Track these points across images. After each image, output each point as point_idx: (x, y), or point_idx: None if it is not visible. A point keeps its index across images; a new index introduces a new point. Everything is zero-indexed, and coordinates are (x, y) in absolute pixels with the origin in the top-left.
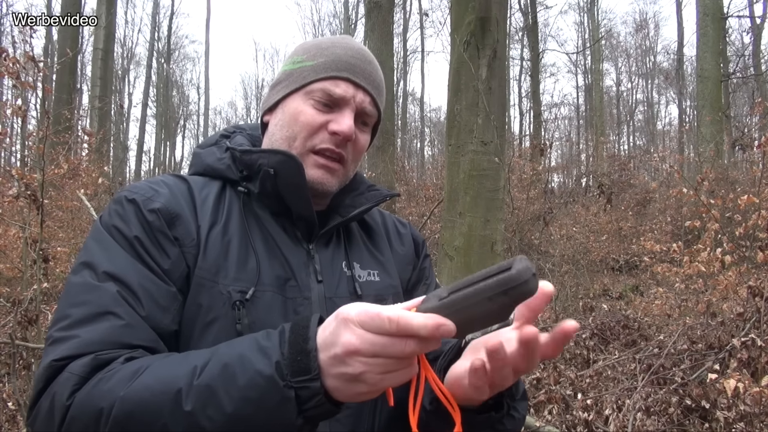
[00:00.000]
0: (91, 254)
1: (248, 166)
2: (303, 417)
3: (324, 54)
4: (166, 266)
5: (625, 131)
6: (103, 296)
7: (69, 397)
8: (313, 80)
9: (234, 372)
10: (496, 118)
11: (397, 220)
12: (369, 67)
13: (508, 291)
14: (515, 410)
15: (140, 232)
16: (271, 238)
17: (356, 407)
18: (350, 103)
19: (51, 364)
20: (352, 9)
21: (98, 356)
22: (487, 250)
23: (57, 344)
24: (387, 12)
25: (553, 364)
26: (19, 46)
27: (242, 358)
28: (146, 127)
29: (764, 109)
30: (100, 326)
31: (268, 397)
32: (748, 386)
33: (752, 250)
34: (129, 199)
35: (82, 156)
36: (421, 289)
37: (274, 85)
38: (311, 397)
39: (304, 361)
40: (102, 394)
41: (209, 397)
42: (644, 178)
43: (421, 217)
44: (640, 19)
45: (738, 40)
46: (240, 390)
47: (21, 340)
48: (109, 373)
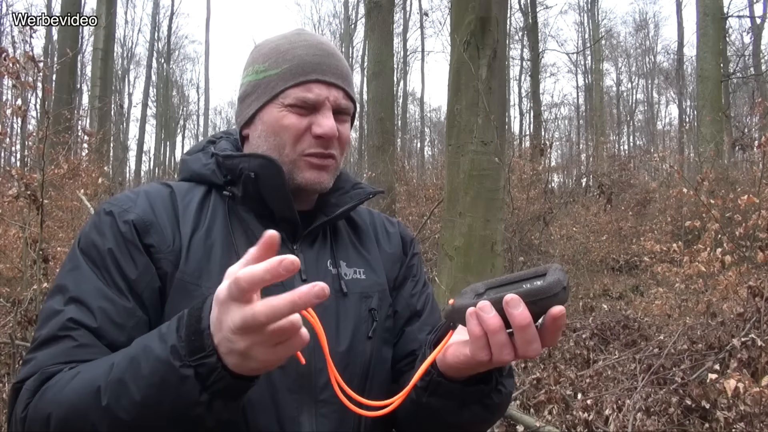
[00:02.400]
0: (64, 276)
1: (231, 171)
2: (208, 392)
3: (286, 59)
4: (133, 277)
5: (625, 131)
6: (62, 320)
7: (23, 410)
8: (283, 89)
9: (139, 362)
10: (496, 118)
11: (386, 218)
12: (333, 60)
13: (537, 301)
14: (503, 385)
15: (113, 244)
16: (255, 240)
17: (341, 404)
18: (326, 103)
19: (14, 386)
20: (352, 9)
21: (44, 371)
22: (487, 250)
23: (23, 366)
24: (387, 12)
25: (553, 364)
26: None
27: (145, 348)
28: (146, 127)
29: (764, 109)
30: (54, 348)
31: (168, 379)
32: (748, 386)
33: (752, 250)
34: (107, 211)
35: (82, 156)
36: (408, 285)
37: (243, 98)
38: (210, 372)
39: (198, 340)
40: (45, 403)
41: (121, 389)
42: (644, 178)
43: (421, 217)
44: (640, 19)
45: (738, 40)
46: (144, 378)
47: (21, 340)
48: (52, 381)
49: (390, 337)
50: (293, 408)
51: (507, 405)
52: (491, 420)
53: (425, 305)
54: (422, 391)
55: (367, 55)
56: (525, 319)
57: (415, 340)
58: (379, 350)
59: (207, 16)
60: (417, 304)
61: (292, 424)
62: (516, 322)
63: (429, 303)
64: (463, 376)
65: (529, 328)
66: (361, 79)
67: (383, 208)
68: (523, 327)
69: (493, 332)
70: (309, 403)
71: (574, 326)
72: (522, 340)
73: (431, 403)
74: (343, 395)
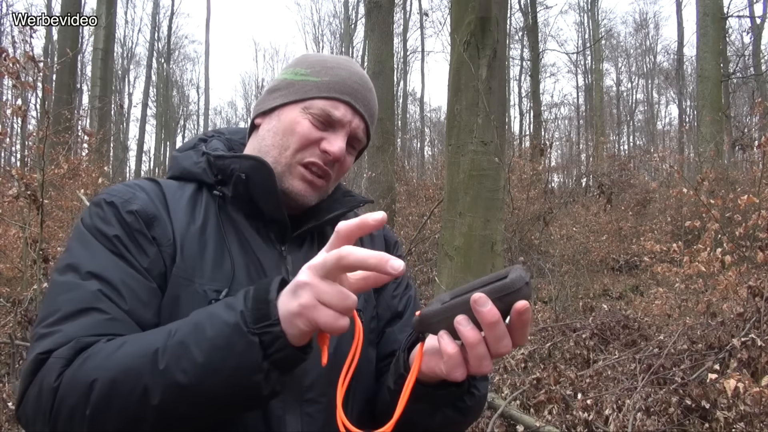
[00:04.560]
0: (74, 255)
1: (222, 171)
2: (269, 361)
3: (329, 73)
4: (145, 264)
5: (625, 131)
6: (86, 293)
7: (57, 378)
8: (315, 97)
9: (204, 327)
10: (496, 118)
11: None
12: (369, 94)
13: (502, 297)
14: (476, 388)
15: (120, 232)
16: (245, 240)
17: (327, 404)
18: (346, 126)
19: (36, 357)
20: (352, 9)
21: (80, 339)
22: (487, 250)
23: (42, 339)
24: (387, 12)
25: (553, 364)
26: (19, 46)
27: (211, 315)
28: (146, 127)
29: (764, 109)
30: (84, 321)
31: (234, 342)
32: (748, 386)
33: (752, 250)
34: (108, 201)
35: (82, 156)
36: (390, 287)
37: (271, 91)
38: (273, 341)
39: (264, 309)
40: (88, 370)
41: (182, 352)
42: (644, 178)
43: (421, 217)
44: (640, 19)
45: (738, 40)
46: (209, 340)
47: (21, 340)
48: (93, 350)
49: (374, 338)
50: (279, 407)
51: (481, 408)
52: (464, 423)
53: (407, 306)
54: (395, 395)
55: (367, 55)
56: (494, 316)
57: (396, 341)
58: (364, 351)
59: (207, 16)
60: (398, 305)
61: (279, 423)
62: (486, 320)
63: (411, 304)
64: (435, 380)
65: (499, 325)
66: None
67: (383, 208)
68: (492, 324)
69: (473, 345)
70: (295, 402)
71: (574, 326)
72: (492, 338)
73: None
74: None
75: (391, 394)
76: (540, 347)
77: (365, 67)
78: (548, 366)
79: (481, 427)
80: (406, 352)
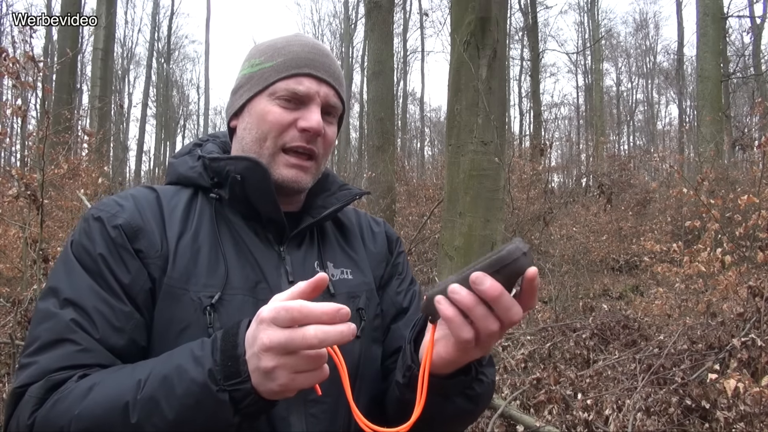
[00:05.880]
0: (57, 279)
1: (218, 173)
2: (240, 415)
3: (282, 53)
4: (126, 281)
5: (625, 131)
6: (61, 324)
7: (29, 417)
8: (276, 80)
9: (172, 382)
10: (496, 118)
11: (371, 218)
12: (327, 60)
13: (501, 270)
14: (483, 375)
15: (104, 249)
16: (242, 242)
17: (332, 404)
18: (315, 98)
19: (14, 391)
20: (352, 9)
21: (50, 378)
22: (487, 250)
23: (21, 371)
24: (387, 12)
25: (553, 364)
26: (19, 46)
27: (179, 369)
28: (146, 127)
29: (764, 109)
30: (57, 352)
31: (204, 402)
32: (748, 386)
33: (752, 250)
34: (96, 217)
35: (82, 156)
36: (394, 283)
37: (235, 90)
38: (244, 397)
39: (234, 366)
40: (59, 414)
41: (153, 408)
42: (644, 178)
43: (421, 217)
44: (640, 19)
45: (738, 40)
46: (179, 398)
47: (21, 340)
48: (64, 392)
49: (379, 336)
50: (283, 408)
51: (490, 396)
52: (475, 412)
53: (411, 302)
54: (405, 388)
55: (367, 55)
56: (496, 290)
57: (401, 337)
58: (368, 349)
59: (207, 16)
60: (403, 301)
61: (283, 424)
62: (488, 295)
63: (415, 300)
64: (445, 372)
65: (503, 296)
66: (361, 79)
67: (383, 208)
68: (496, 297)
69: (470, 308)
70: (298, 403)
71: (574, 326)
72: (501, 308)
73: (414, 399)
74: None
75: (401, 388)
76: (540, 347)
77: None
78: (548, 366)
79: (481, 427)
80: (413, 344)
